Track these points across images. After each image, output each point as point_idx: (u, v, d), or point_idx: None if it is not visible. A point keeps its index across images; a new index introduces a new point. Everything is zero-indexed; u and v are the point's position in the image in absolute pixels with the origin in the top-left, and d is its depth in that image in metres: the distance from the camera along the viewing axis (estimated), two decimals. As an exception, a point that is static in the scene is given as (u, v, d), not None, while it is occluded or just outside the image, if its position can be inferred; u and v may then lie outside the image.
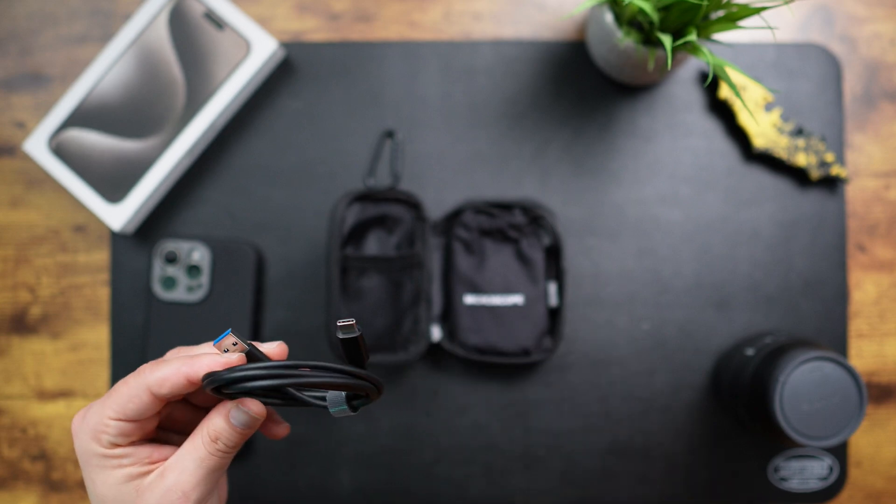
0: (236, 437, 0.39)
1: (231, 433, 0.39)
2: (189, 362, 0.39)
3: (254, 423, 0.39)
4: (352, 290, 0.59)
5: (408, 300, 0.60)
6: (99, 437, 0.39)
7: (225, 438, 0.39)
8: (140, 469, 0.39)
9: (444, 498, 0.63)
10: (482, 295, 0.60)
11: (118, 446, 0.39)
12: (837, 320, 0.63)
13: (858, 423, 0.52)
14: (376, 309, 0.60)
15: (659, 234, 0.63)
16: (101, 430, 0.39)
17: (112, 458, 0.39)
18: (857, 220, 0.64)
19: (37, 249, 0.64)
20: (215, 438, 0.39)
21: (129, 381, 0.39)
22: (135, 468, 0.39)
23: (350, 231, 0.59)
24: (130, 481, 0.39)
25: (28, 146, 0.61)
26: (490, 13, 0.64)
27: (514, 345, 0.60)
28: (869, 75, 0.64)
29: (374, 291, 0.60)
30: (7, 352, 0.64)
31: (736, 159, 0.64)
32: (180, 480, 0.39)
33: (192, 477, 0.39)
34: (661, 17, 0.53)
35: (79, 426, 0.40)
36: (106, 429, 0.39)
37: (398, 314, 0.60)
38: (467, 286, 0.61)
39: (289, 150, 0.64)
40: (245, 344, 0.39)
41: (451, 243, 0.61)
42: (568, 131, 0.64)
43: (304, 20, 0.65)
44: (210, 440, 0.39)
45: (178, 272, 0.62)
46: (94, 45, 0.64)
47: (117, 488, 0.39)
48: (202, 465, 0.39)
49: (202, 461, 0.39)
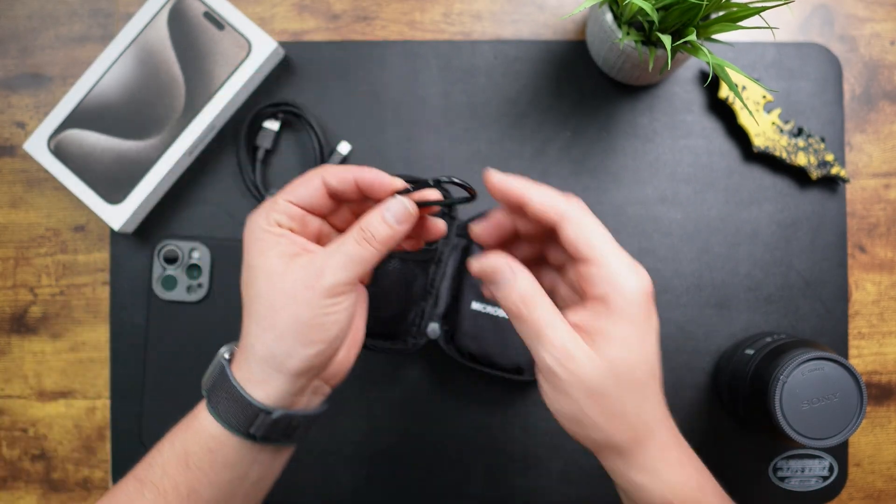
0: (386, 230, 0.42)
1: (383, 226, 0.42)
2: (362, 168, 0.43)
3: (406, 217, 0.42)
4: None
5: (417, 293, 0.60)
6: (268, 214, 0.42)
7: (376, 231, 0.42)
8: (294, 249, 0.42)
9: (444, 498, 0.63)
10: (489, 304, 0.60)
11: (282, 226, 0.42)
12: (837, 320, 0.63)
13: (858, 423, 0.52)
14: (389, 294, 0.59)
15: (659, 234, 0.63)
16: (271, 208, 0.43)
17: (273, 234, 0.42)
18: (857, 220, 0.64)
19: (37, 249, 0.64)
20: (367, 230, 0.42)
21: (305, 174, 0.44)
22: (290, 248, 0.42)
23: None
24: (282, 258, 0.42)
25: (28, 146, 0.61)
26: (490, 13, 0.64)
27: (509, 360, 0.60)
28: (869, 75, 0.64)
29: (391, 275, 0.59)
30: (7, 352, 0.64)
31: (736, 159, 0.64)
32: (326, 263, 0.41)
33: (337, 261, 0.41)
34: (661, 17, 0.53)
35: (252, 213, 0.43)
36: (275, 206, 0.43)
37: (406, 304, 0.60)
38: (477, 292, 0.60)
39: (288, 149, 0.64)
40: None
41: (471, 245, 0.61)
42: (568, 131, 0.64)
43: (304, 20, 0.65)
44: (362, 232, 0.42)
45: (178, 272, 0.62)
46: (94, 45, 0.64)
47: (270, 262, 0.42)
48: (350, 255, 0.42)
49: (351, 251, 0.42)
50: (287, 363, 0.41)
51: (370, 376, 0.63)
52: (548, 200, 0.41)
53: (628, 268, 0.40)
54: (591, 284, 0.40)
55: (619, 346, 0.40)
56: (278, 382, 0.42)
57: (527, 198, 0.41)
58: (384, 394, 0.63)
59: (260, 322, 0.42)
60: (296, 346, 0.41)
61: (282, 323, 0.41)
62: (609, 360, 0.40)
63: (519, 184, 0.41)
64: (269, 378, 0.42)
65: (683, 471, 0.42)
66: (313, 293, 0.41)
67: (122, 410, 0.63)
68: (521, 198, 0.41)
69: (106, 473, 0.64)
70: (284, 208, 0.43)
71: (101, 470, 0.63)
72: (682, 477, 0.42)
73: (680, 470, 0.42)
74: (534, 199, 0.41)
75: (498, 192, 0.42)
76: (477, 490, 0.63)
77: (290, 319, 0.41)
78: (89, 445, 0.64)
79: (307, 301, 0.41)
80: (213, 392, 0.43)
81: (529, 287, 0.41)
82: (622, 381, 0.40)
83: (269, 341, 0.41)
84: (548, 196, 0.41)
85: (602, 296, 0.40)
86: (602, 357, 0.39)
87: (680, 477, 0.42)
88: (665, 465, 0.42)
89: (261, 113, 0.63)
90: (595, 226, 0.41)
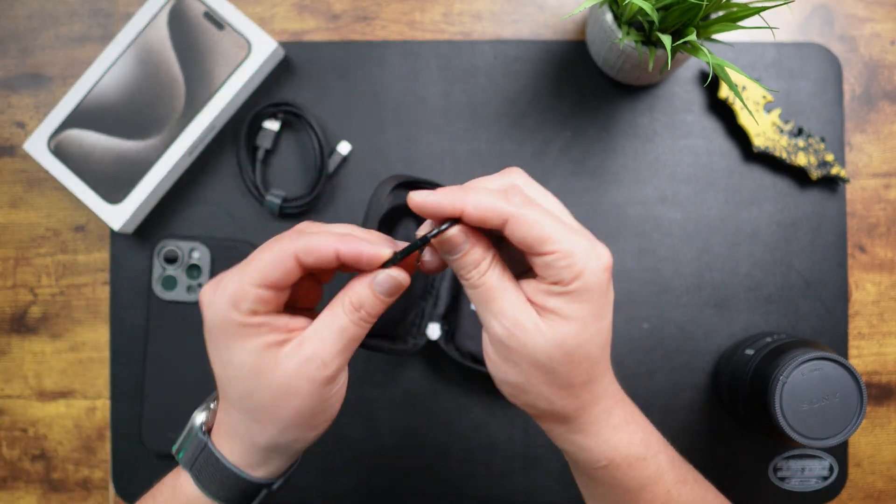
0: (378, 304, 0.39)
1: (374, 300, 0.39)
2: (342, 239, 0.38)
3: (397, 289, 0.39)
4: None
5: (417, 293, 0.60)
6: (238, 304, 0.38)
7: (368, 306, 0.39)
8: (278, 337, 0.38)
9: (444, 498, 0.63)
10: None
11: (257, 314, 0.38)
12: (837, 320, 0.63)
13: (858, 423, 0.52)
14: None
15: (659, 234, 0.63)
16: (241, 297, 0.38)
17: (251, 326, 0.38)
18: (857, 220, 0.64)
19: (37, 249, 0.64)
20: (358, 307, 0.39)
21: (273, 248, 0.38)
22: (273, 336, 0.38)
23: (385, 215, 0.58)
24: (268, 350, 0.38)
25: (28, 146, 0.61)
26: (490, 13, 0.64)
27: None
28: (869, 75, 0.64)
29: None
30: (7, 352, 0.64)
31: (736, 159, 0.64)
32: (320, 349, 0.38)
33: (333, 346, 0.39)
34: (661, 17, 0.53)
35: (211, 297, 0.38)
36: (246, 296, 0.38)
37: (406, 305, 0.60)
38: None
39: (288, 149, 0.64)
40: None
41: None
42: (568, 131, 0.64)
43: (304, 20, 0.65)
44: (353, 308, 0.39)
45: (178, 272, 0.62)
46: (94, 45, 0.64)
47: (255, 357, 0.38)
48: (343, 335, 0.39)
49: (343, 330, 0.39)
50: (293, 447, 0.41)
51: (370, 376, 0.63)
52: (484, 207, 0.37)
53: (585, 250, 0.38)
54: (549, 271, 0.38)
55: (573, 325, 0.38)
56: (281, 461, 0.42)
57: (461, 211, 0.38)
58: (384, 394, 0.63)
59: (258, 418, 0.40)
60: (302, 433, 0.40)
61: (285, 417, 0.39)
62: (561, 337, 0.38)
63: (449, 198, 0.38)
64: (271, 460, 0.41)
65: (627, 428, 0.42)
66: (314, 385, 0.39)
67: (122, 410, 0.63)
68: (455, 212, 0.38)
69: (106, 473, 0.64)
70: (257, 297, 0.38)
71: (101, 470, 0.63)
72: (625, 435, 0.42)
73: (624, 428, 0.42)
74: (469, 210, 0.37)
75: (428, 213, 0.38)
76: (477, 490, 0.63)
77: (293, 413, 0.39)
78: (89, 445, 0.64)
79: (310, 394, 0.39)
80: (203, 473, 0.41)
81: (482, 254, 0.39)
82: (572, 358, 0.39)
83: (273, 434, 0.40)
84: (483, 202, 0.37)
85: (560, 280, 0.38)
86: (553, 332, 0.38)
87: (623, 435, 0.42)
88: (608, 426, 0.41)
89: (261, 113, 0.63)
90: (540, 217, 0.37)
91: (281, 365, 0.38)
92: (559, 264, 0.37)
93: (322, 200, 0.64)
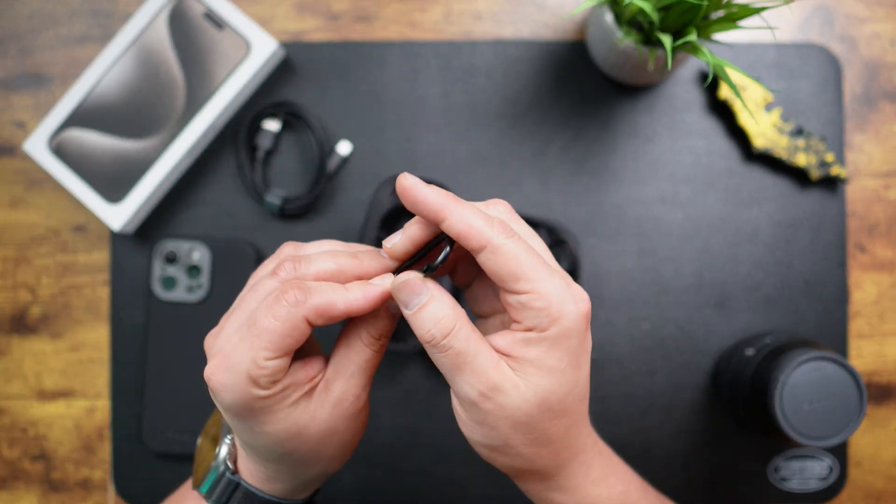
0: (393, 325, 0.39)
1: (391, 324, 0.39)
2: (346, 296, 0.37)
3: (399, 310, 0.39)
4: None
5: None
6: (258, 381, 0.36)
7: (386, 332, 0.39)
8: (303, 391, 0.38)
9: (444, 498, 0.63)
10: None
11: (277, 382, 0.37)
12: (837, 320, 0.63)
13: (858, 423, 0.52)
14: None
15: (659, 234, 0.63)
16: (259, 373, 0.36)
17: (276, 395, 0.37)
18: (857, 220, 0.64)
19: (37, 249, 0.64)
20: (379, 336, 0.39)
21: (279, 315, 0.36)
22: (298, 393, 0.38)
23: (386, 215, 0.58)
24: (297, 406, 0.38)
25: (28, 146, 0.61)
26: (490, 13, 0.65)
27: None
28: (869, 75, 0.64)
29: None
30: (7, 352, 0.64)
31: (736, 159, 0.64)
32: (350, 386, 0.39)
33: (360, 379, 0.39)
34: (661, 17, 0.53)
35: (223, 381, 0.37)
36: (264, 370, 0.36)
37: None
38: None
39: (288, 149, 0.64)
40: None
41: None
42: (568, 131, 0.64)
43: (304, 20, 0.65)
44: (374, 339, 0.39)
45: (178, 272, 0.62)
46: (94, 45, 0.64)
47: (289, 421, 0.38)
48: (367, 366, 0.39)
49: (367, 362, 0.39)
50: (329, 471, 0.43)
51: (370, 376, 0.63)
52: (468, 223, 0.35)
53: (562, 295, 0.36)
54: (522, 314, 0.36)
55: (553, 379, 0.36)
56: (318, 484, 0.44)
57: (444, 217, 0.36)
58: (384, 394, 0.63)
59: (302, 464, 0.40)
60: (345, 457, 0.42)
61: (330, 455, 0.41)
62: (542, 394, 0.36)
63: (436, 198, 0.36)
64: (314, 484, 0.44)
65: (606, 482, 0.41)
66: (351, 420, 0.40)
67: (122, 410, 0.63)
68: (437, 217, 0.36)
69: (106, 473, 0.64)
70: (275, 367, 0.37)
71: (101, 470, 0.63)
72: (604, 489, 0.41)
73: (603, 482, 0.41)
74: (453, 221, 0.36)
75: (410, 200, 0.36)
76: (477, 490, 0.63)
77: (338, 449, 0.41)
78: (89, 445, 0.64)
79: (348, 428, 0.40)
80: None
81: (446, 311, 0.36)
82: (554, 413, 0.37)
83: (319, 470, 0.42)
84: (468, 218, 0.36)
85: (535, 326, 0.36)
86: (531, 388, 0.36)
87: (602, 489, 0.41)
88: (587, 480, 0.41)
89: (261, 113, 0.63)
90: (520, 251, 0.35)
91: (316, 417, 0.38)
92: (534, 305, 0.35)
93: (322, 200, 0.64)
